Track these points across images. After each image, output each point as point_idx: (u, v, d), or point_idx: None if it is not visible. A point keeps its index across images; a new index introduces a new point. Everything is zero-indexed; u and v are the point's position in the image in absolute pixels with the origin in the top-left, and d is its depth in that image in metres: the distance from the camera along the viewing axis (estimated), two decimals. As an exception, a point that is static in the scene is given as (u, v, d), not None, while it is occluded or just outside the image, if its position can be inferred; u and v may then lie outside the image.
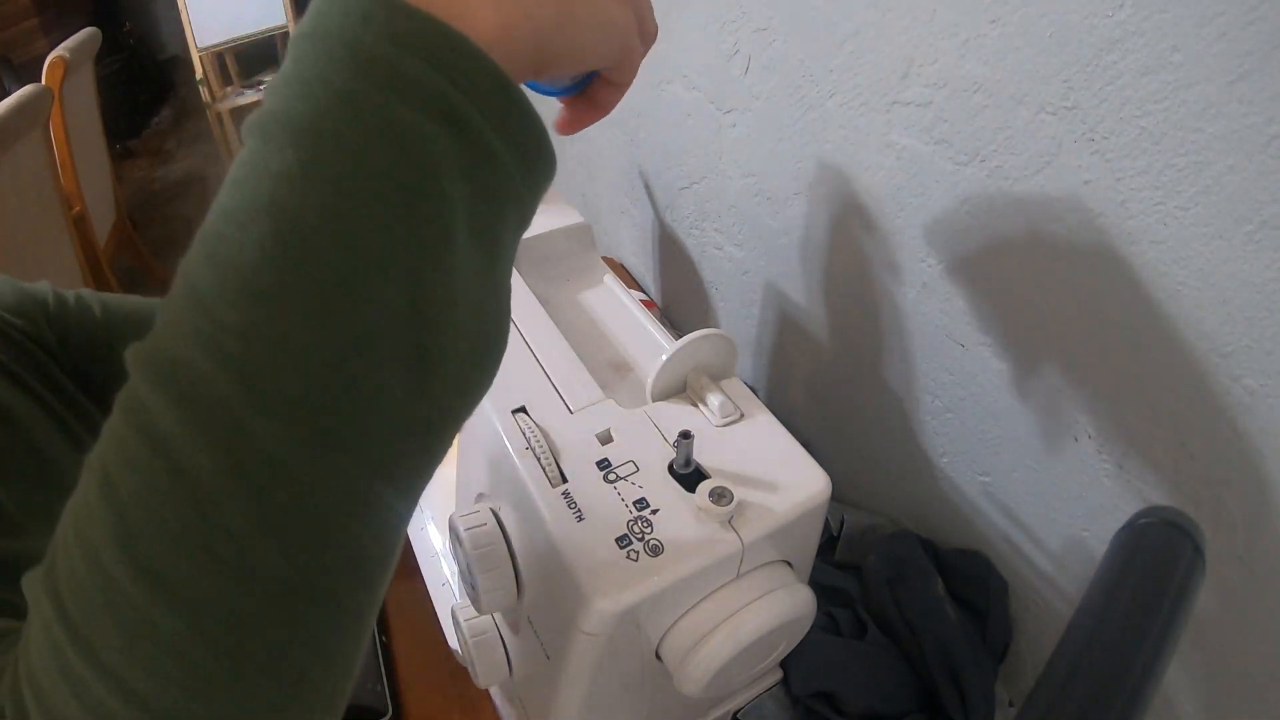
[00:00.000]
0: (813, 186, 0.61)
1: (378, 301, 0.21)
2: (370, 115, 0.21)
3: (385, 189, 0.21)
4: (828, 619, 0.57)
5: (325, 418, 0.20)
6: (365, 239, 0.21)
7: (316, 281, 0.20)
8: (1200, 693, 0.45)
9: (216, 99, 2.48)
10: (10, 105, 1.31)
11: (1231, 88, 0.33)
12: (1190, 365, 0.38)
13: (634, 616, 0.36)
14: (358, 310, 0.21)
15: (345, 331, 0.21)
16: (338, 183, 0.20)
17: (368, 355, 0.21)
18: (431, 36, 0.21)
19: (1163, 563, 0.29)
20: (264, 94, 0.23)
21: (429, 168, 0.21)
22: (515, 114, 0.23)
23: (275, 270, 0.20)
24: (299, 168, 0.20)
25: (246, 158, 0.21)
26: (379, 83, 0.21)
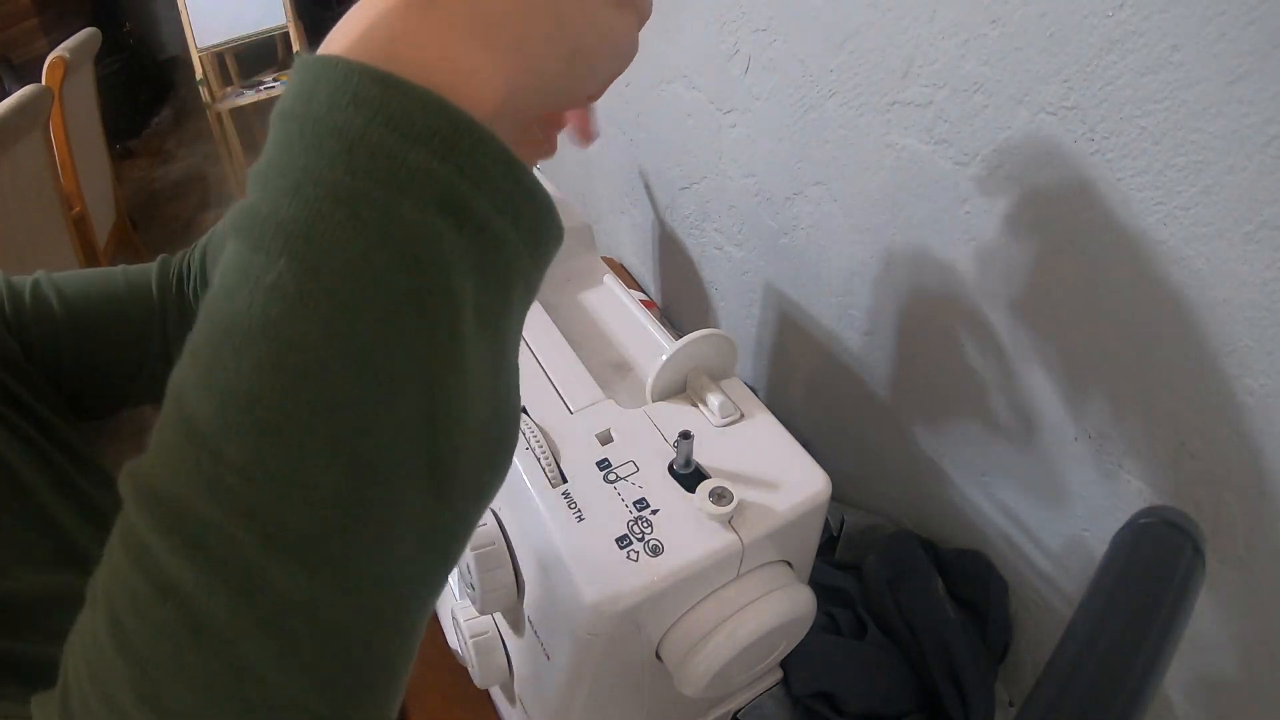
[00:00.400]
0: (813, 186, 0.61)
1: (389, 421, 0.19)
2: (371, 216, 0.18)
3: (391, 298, 0.19)
4: (828, 619, 0.57)
5: (343, 551, 0.19)
6: (373, 357, 0.19)
7: (323, 408, 0.19)
8: (1200, 693, 0.45)
9: (216, 99, 2.48)
10: (10, 105, 1.31)
11: (1231, 88, 0.33)
12: (1190, 365, 0.38)
13: (634, 616, 0.36)
14: (369, 434, 0.19)
15: (358, 459, 0.19)
16: (339, 297, 0.18)
17: (383, 479, 0.20)
18: (433, 118, 0.19)
19: (1163, 563, 0.29)
20: (248, 180, 0.20)
21: (437, 268, 0.19)
22: (522, 194, 0.21)
23: (277, 398, 0.18)
24: (294, 282, 0.18)
25: (235, 264, 0.19)
26: (379, 178, 0.19)
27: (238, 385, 0.18)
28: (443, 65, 0.20)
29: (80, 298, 0.47)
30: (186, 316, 0.51)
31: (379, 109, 0.19)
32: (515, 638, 0.48)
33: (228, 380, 0.18)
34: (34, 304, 0.45)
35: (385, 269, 0.19)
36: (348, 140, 0.19)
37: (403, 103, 0.19)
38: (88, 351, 0.46)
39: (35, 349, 0.45)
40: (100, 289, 0.48)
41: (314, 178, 0.19)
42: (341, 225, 0.18)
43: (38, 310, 0.45)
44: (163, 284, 0.50)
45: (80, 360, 0.46)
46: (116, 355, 0.48)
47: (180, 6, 2.33)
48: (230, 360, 0.18)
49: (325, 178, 0.19)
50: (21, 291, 0.46)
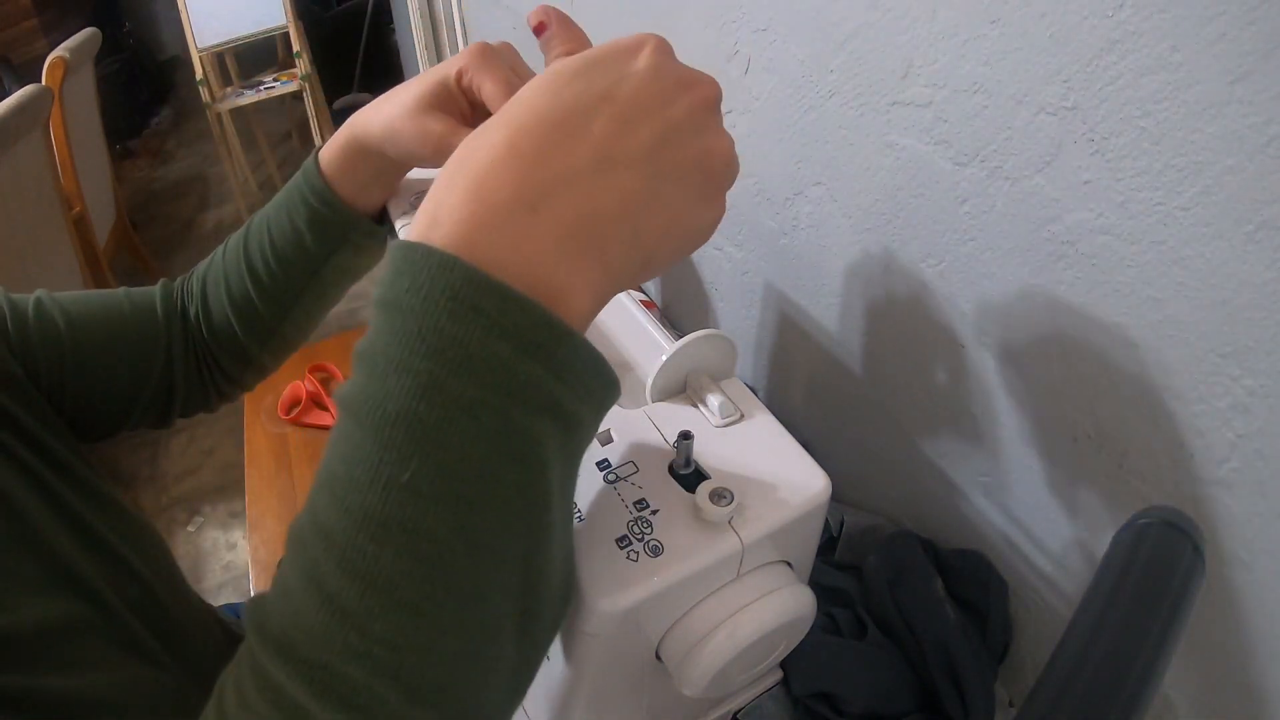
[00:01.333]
0: (813, 186, 0.61)
1: (500, 592, 0.23)
2: (489, 422, 0.21)
3: (505, 494, 0.22)
4: (828, 619, 0.57)
5: (467, 693, 0.23)
6: (491, 545, 0.22)
7: (453, 591, 0.22)
8: (1200, 693, 0.45)
9: (216, 99, 2.48)
10: (10, 105, 1.31)
11: (1231, 88, 0.33)
12: (1190, 365, 0.38)
13: (634, 617, 0.36)
14: (487, 606, 0.23)
15: (478, 625, 0.23)
16: (464, 496, 0.21)
17: (492, 636, 0.23)
18: (541, 333, 0.22)
19: (1163, 563, 0.29)
20: (354, 361, 0.23)
21: (539, 464, 0.23)
22: (600, 382, 0.24)
23: (414, 584, 0.21)
24: (426, 483, 0.21)
25: (362, 455, 0.22)
26: (495, 388, 0.21)
27: (377, 571, 0.21)
28: (544, 275, 0.22)
29: (85, 318, 0.47)
30: (190, 342, 0.51)
31: (495, 321, 0.21)
32: (515, 638, 0.48)
33: (367, 566, 0.21)
34: (38, 324, 0.45)
35: (500, 468, 0.22)
36: (468, 350, 0.21)
37: (516, 316, 0.21)
38: (92, 372, 0.46)
39: (39, 370, 0.44)
40: (105, 310, 0.48)
41: (439, 385, 0.21)
42: (465, 430, 0.21)
43: (42, 331, 0.45)
44: (167, 308, 0.50)
45: (84, 381, 0.46)
46: (120, 377, 0.48)
47: (180, 6, 2.33)
48: (370, 549, 0.21)
49: (450, 387, 0.21)
50: (24, 311, 0.45)
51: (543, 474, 0.23)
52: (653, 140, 0.25)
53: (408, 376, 0.21)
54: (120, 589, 0.40)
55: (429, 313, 0.21)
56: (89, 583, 0.39)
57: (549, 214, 0.23)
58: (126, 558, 0.42)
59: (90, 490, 0.43)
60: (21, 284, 1.40)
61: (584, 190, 0.23)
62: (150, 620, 0.41)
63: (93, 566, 0.39)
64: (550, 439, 0.23)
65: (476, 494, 0.21)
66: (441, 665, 0.22)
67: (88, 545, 0.40)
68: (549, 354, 0.22)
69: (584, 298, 0.23)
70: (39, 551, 0.37)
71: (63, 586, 0.37)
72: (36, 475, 0.40)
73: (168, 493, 1.85)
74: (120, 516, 0.44)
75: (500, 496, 0.22)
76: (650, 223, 0.25)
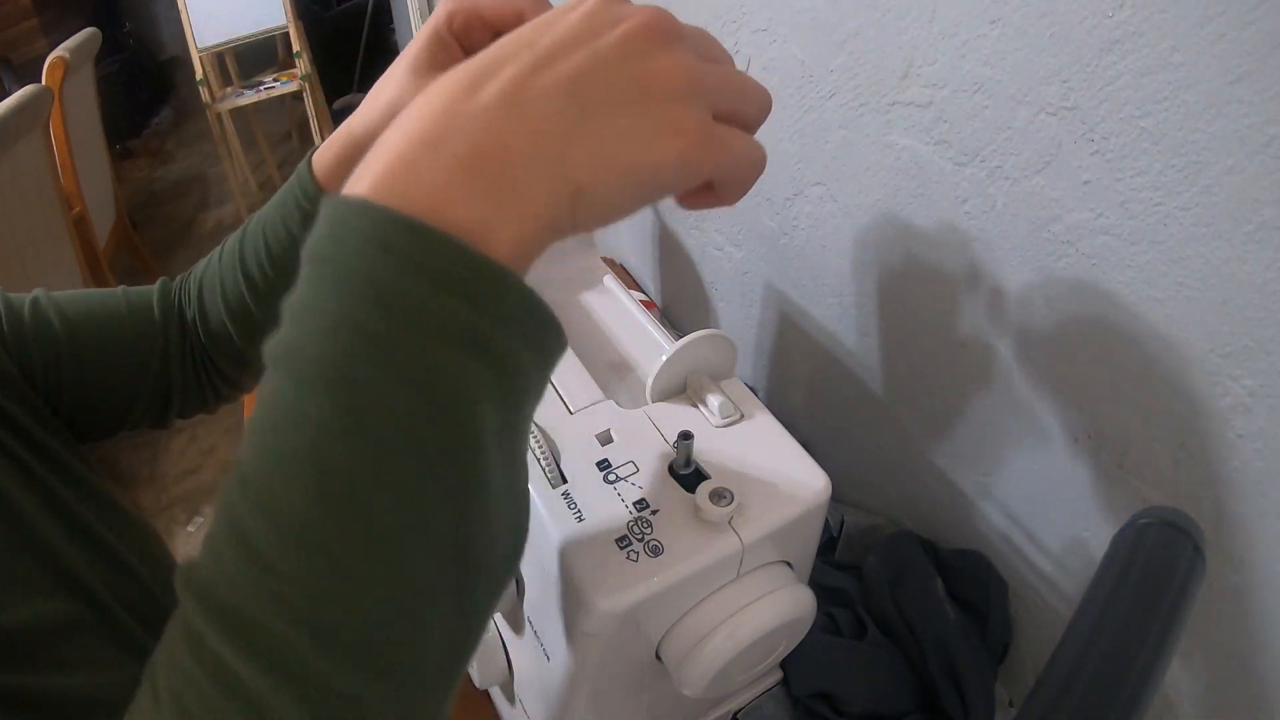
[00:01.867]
0: (813, 186, 0.61)
1: (426, 541, 0.22)
2: (403, 360, 0.20)
3: (425, 434, 0.21)
4: (828, 619, 0.57)
5: (389, 651, 0.22)
6: (410, 487, 0.21)
7: (368, 534, 0.21)
8: (1200, 693, 0.45)
9: (216, 99, 2.48)
10: (10, 105, 1.31)
11: (1231, 88, 0.33)
12: (1190, 365, 0.38)
13: (634, 617, 0.36)
14: (409, 554, 0.21)
15: (400, 575, 0.21)
16: (378, 435, 0.21)
17: (420, 590, 0.22)
18: (455, 264, 0.21)
19: (1163, 563, 0.29)
20: (282, 313, 0.22)
21: (465, 404, 0.21)
22: (535, 320, 0.23)
23: (328, 525, 0.21)
24: (337, 421, 0.20)
25: (280, 399, 0.21)
26: (409, 323, 0.20)
27: (290, 511, 0.21)
28: (455, 211, 0.22)
29: (82, 318, 0.46)
30: (187, 343, 0.50)
31: (406, 256, 0.20)
32: (515, 638, 0.48)
33: (281, 506, 0.21)
34: (34, 324, 0.44)
35: (418, 407, 0.21)
36: (379, 286, 0.20)
37: (426, 249, 0.21)
38: (89, 373, 0.46)
39: (35, 369, 0.44)
40: (103, 310, 0.47)
41: (351, 322, 0.20)
42: (377, 368, 0.20)
43: (38, 331, 0.44)
44: (165, 308, 0.50)
45: (80, 381, 0.45)
46: (117, 377, 0.47)
47: (180, 6, 2.33)
48: (282, 489, 0.21)
49: (361, 323, 0.20)
50: (20, 310, 0.45)
51: (470, 415, 0.21)
52: (572, 73, 0.23)
53: (321, 318, 0.21)
54: (117, 589, 0.40)
55: (340, 257, 0.21)
56: (85, 582, 0.38)
57: (450, 150, 0.22)
58: (124, 558, 0.42)
59: (88, 490, 0.43)
60: (21, 284, 1.40)
61: (489, 125, 0.22)
62: (148, 620, 0.41)
63: (89, 566, 0.39)
64: (480, 378, 0.21)
65: (392, 434, 0.21)
66: (358, 616, 0.21)
67: (85, 545, 0.40)
68: (468, 287, 0.21)
69: (503, 231, 0.22)
70: (35, 551, 0.37)
71: (59, 586, 0.37)
72: (34, 474, 0.40)
73: (168, 493, 1.85)
74: (119, 516, 0.44)
75: (419, 438, 0.21)
76: (575, 156, 0.23)
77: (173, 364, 0.49)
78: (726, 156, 0.26)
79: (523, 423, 0.25)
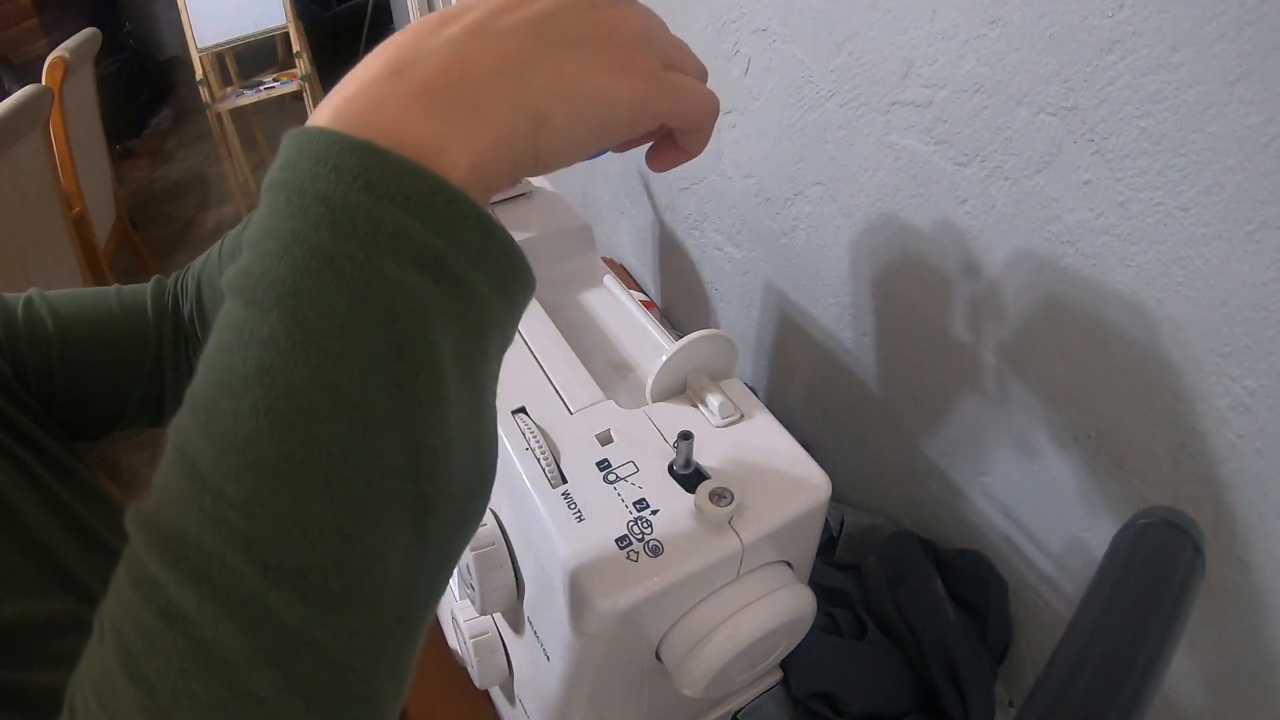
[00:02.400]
0: (813, 186, 0.61)
1: (377, 464, 0.21)
2: (352, 274, 0.20)
3: (375, 350, 0.20)
4: (828, 619, 0.57)
5: (337, 581, 0.21)
6: (360, 404, 0.20)
7: (315, 451, 0.20)
8: (1200, 693, 0.45)
9: (216, 99, 2.48)
10: (10, 105, 1.31)
11: (1231, 88, 0.33)
12: (1190, 365, 0.38)
13: (634, 617, 0.36)
14: (359, 475, 0.21)
15: (349, 498, 0.21)
16: (326, 349, 0.20)
17: (372, 517, 0.21)
18: (407, 182, 0.21)
19: (1163, 563, 0.29)
20: (244, 245, 0.22)
21: (416, 322, 0.21)
22: (495, 248, 0.23)
23: (273, 442, 0.20)
24: (285, 335, 0.20)
25: (230, 321, 0.21)
26: (358, 239, 0.20)
27: (235, 430, 0.20)
28: (412, 133, 0.22)
29: (74, 318, 0.46)
30: (182, 340, 0.50)
31: (357, 174, 0.20)
32: (515, 638, 0.48)
33: (226, 425, 0.20)
34: (27, 324, 0.44)
35: (367, 322, 0.20)
36: (329, 205, 0.20)
37: (379, 168, 0.20)
38: (81, 372, 0.46)
39: (28, 369, 0.44)
40: (94, 309, 0.47)
41: (300, 240, 0.20)
42: (326, 281, 0.20)
43: (31, 330, 0.44)
44: (158, 306, 0.49)
45: (73, 381, 0.45)
46: (110, 376, 0.47)
47: (180, 6, 2.33)
48: (228, 406, 0.20)
49: (310, 239, 0.20)
50: (14, 310, 0.45)
51: (424, 335, 0.21)
52: (534, 14, 0.24)
53: (274, 240, 0.21)
54: (89, 562, 0.40)
55: (294, 182, 0.21)
56: (81, 578, 0.38)
57: (413, 75, 0.22)
58: (120, 553, 0.42)
59: (87, 488, 0.43)
60: (21, 283, 1.39)
61: (452, 52, 0.23)
62: None
63: (85, 562, 0.39)
64: (433, 299, 0.21)
65: (340, 348, 0.20)
66: (304, 541, 0.20)
67: (84, 544, 0.40)
68: (421, 204, 0.21)
69: (461, 152, 0.22)
70: (33, 550, 0.37)
71: (56, 585, 0.37)
72: (32, 473, 0.40)
73: (168, 493, 1.84)
74: (117, 515, 0.44)
75: (369, 353, 0.20)
76: (536, 80, 0.24)
77: (166, 363, 0.49)
78: (681, 97, 0.27)
79: (486, 357, 0.24)
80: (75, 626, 0.37)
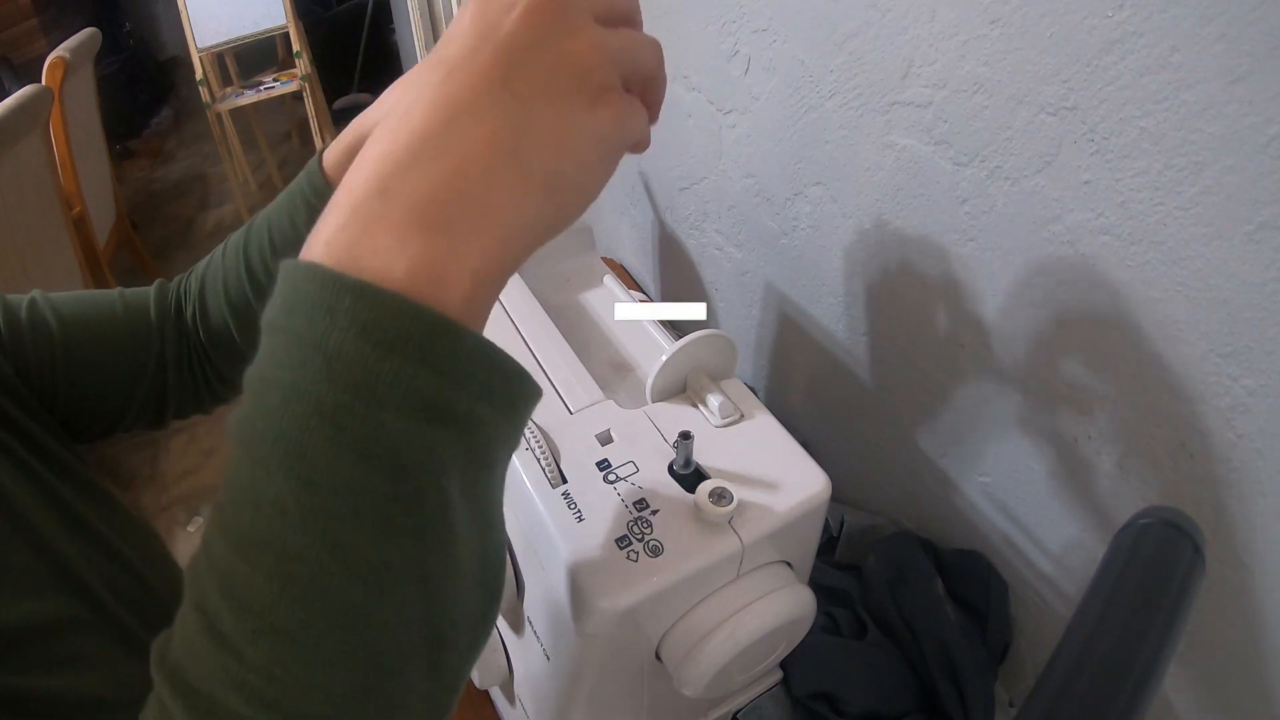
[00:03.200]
0: (813, 186, 0.61)
1: (394, 618, 0.21)
2: (354, 430, 0.19)
3: (383, 507, 0.20)
4: (828, 619, 0.57)
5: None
6: (373, 563, 0.20)
7: (331, 619, 0.20)
8: (1200, 693, 0.45)
9: (216, 99, 2.48)
10: (10, 105, 1.31)
11: (1231, 88, 0.33)
12: (1190, 365, 0.38)
13: (634, 617, 0.36)
14: (377, 636, 0.21)
15: (368, 657, 0.21)
16: (333, 511, 0.20)
17: (391, 669, 0.21)
18: (406, 324, 0.19)
19: (1163, 563, 0.29)
20: (245, 385, 0.21)
21: (424, 471, 0.20)
22: (499, 377, 0.22)
23: (288, 608, 0.20)
24: (292, 499, 0.20)
25: (238, 477, 0.21)
26: (358, 392, 0.19)
27: (250, 594, 0.20)
28: (408, 261, 0.20)
29: (77, 319, 0.46)
30: (185, 343, 0.50)
31: (353, 320, 0.19)
32: (515, 638, 0.48)
33: (241, 589, 0.20)
34: (31, 324, 0.44)
35: (373, 478, 0.20)
36: (326, 355, 0.19)
37: (374, 311, 0.19)
38: (84, 374, 0.46)
39: (31, 370, 0.44)
40: (97, 311, 0.47)
41: (301, 394, 0.20)
42: (329, 439, 0.19)
43: (35, 331, 0.44)
44: (161, 309, 0.49)
45: (76, 383, 0.45)
46: (112, 379, 0.47)
47: (180, 6, 2.33)
48: (242, 569, 0.20)
49: (310, 394, 0.19)
50: (17, 311, 0.44)
51: (433, 483, 0.20)
52: (494, 67, 0.23)
53: (275, 391, 0.20)
54: (118, 588, 0.40)
55: (291, 326, 0.20)
56: (83, 579, 0.38)
57: (401, 191, 0.21)
58: (126, 556, 0.42)
59: (89, 489, 0.43)
60: (21, 283, 1.40)
61: (435, 152, 0.21)
62: (149, 618, 0.41)
63: (88, 563, 0.39)
64: (439, 443, 0.20)
65: (348, 509, 0.20)
66: (329, 701, 0.20)
67: (85, 542, 0.40)
68: (421, 348, 0.19)
69: (464, 268, 0.21)
70: (36, 547, 0.37)
71: (57, 584, 0.37)
72: (34, 473, 0.40)
73: (168, 493, 1.84)
74: (118, 513, 0.44)
75: (378, 511, 0.20)
76: (534, 147, 0.22)
77: (168, 365, 0.49)
78: (645, 114, 0.27)
79: (495, 478, 0.23)
80: (75, 629, 0.37)
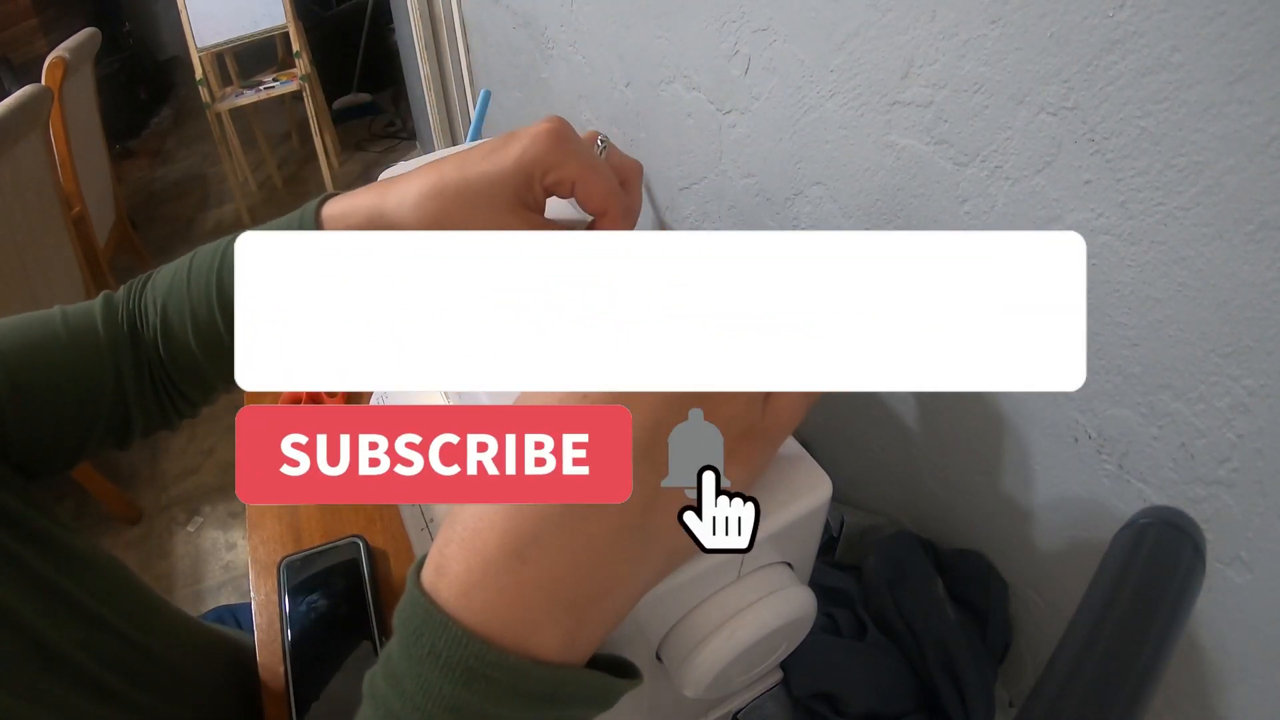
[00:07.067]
0: (813, 186, 0.61)
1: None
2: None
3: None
4: (828, 619, 0.57)
5: None
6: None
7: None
8: (1200, 693, 0.45)
9: (216, 99, 2.48)
10: (10, 105, 1.31)
11: (1231, 88, 0.33)
12: (1190, 365, 0.38)
13: (634, 617, 0.36)
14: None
15: None
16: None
17: None
18: (544, 686, 0.24)
19: (1163, 563, 0.29)
20: (364, 695, 0.25)
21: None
22: (613, 692, 0.27)
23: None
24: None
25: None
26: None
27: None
28: (541, 634, 0.24)
29: (19, 353, 0.42)
30: (144, 363, 0.46)
31: (496, 683, 0.23)
32: (515, 638, 0.48)
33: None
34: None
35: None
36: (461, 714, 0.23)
37: (512, 679, 0.23)
38: (35, 407, 0.42)
39: None
40: (41, 341, 0.43)
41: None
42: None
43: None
44: (111, 327, 0.45)
45: (27, 419, 0.42)
46: (68, 407, 0.43)
47: (180, 6, 2.33)
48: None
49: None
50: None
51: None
52: None
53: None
54: (90, 645, 0.39)
55: (426, 679, 0.23)
56: (60, 652, 0.37)
57: (533, 559, 0.24)
58: (91, 608, 0.41)
59: (54, 545, 0.41)
60: (21, 284, 1.40)
61: (567, 531, 0.25)
62: (128, 669, 0.40)
63: (63, 635, 0.38)
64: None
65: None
66: None
67: (60, 612, 0.39)
68: (557, 704, 0.24)
69: (594, 631, 0.25)
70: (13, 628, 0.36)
71: (32, 663, 0.36)
72: (2, 545, 0.38)
73: (167, 493, 1.84)
74: (95, 572, 0.43)
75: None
76: (659, 519, 0.29)
77: (127, 386, 0.45)
78: None
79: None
80: (15, 666, 0.36)
